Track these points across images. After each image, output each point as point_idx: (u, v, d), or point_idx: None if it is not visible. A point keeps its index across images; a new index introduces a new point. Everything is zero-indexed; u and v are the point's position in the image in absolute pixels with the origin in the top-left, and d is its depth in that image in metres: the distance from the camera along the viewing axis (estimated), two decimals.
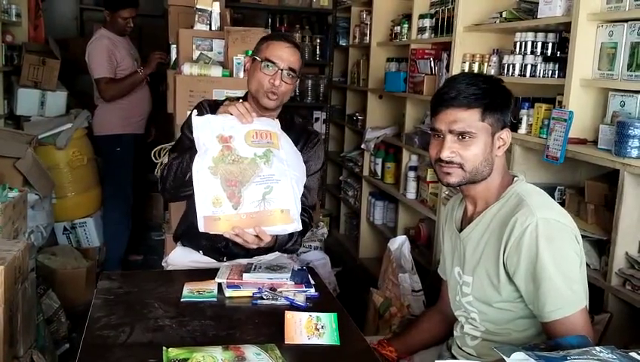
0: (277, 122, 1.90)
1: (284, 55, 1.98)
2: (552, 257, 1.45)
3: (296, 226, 1.76)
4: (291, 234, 1.97)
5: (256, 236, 1.73)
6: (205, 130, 1.78)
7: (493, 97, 1.56)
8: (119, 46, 3.95)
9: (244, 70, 2.09)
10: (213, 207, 1.69)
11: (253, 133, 1.78)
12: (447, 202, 1.91)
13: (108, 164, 4.11)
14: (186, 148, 1.92)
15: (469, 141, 1.55)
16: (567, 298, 1.45)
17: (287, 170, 1.76)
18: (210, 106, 2.08)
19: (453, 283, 1.73)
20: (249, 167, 1.71)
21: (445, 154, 1.56)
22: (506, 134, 1.60)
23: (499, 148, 1.59)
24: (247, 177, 1.70)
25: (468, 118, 1.54)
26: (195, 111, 1.99)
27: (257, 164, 1.72)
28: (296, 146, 1.91)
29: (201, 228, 1.72)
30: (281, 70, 1.97)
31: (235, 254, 2.11)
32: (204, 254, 2.16)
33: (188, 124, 1.99)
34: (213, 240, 2.05)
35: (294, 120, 2.15)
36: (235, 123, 1.79)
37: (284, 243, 2.01)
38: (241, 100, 1.99)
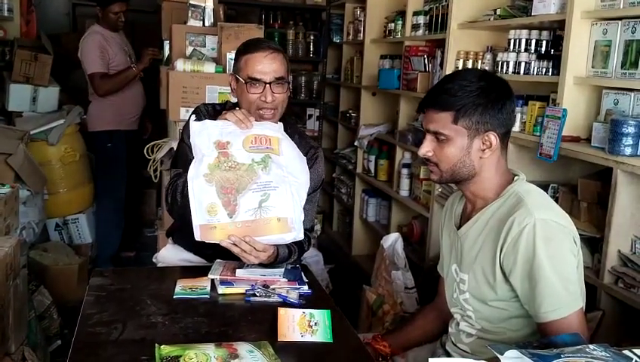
0: (279, 125, 1.86)
1: (266, 67, 1.88)
2: (548, 258, 1.45)
3: (296, 235, 1.73)
4: (290, 252, 1.91)
5: (254, 248, 1.71)
6: (202, 135, 1.75)
7: (471, 101, 1.53)
8: (112, 42, 3.94)
9: (231, 90, 2.01)
10: (209, 215, 1.67)
11: (252, 138, 1.75)
12: (445, 200, 1.92)
13: (100, 160, 4.10)
14: (188, 162, 1.83)
15: (444, 142, 1.57)
16: (563, 299, 1.45)
17: (287, 176, 1.73)
18: (208, 111, 2.02)
19: (450, 280, 1.73)
20: (246, 174, 1.69)
21: (421, 152, 1.62)
22: (492, 136, 1.56)
23: (483, 150, 1.57)
24: (243, 184, 1.68)
25: (441, 120, 1.56)
26: (193, 117, 1.91)
27: (255, 171, 1.69)
28: None
29: (197, 237, 1.70)
30: (269, 83, 1.88)
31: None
32: (194, 254, 2.13)
33: (187, 133, 1.93)
34: (202, 245, 2.02)
35: (293, 132, 2.01)
36: (233, 128, 1.77)
37: (285, 260, 1.91)
38: (237, 108, 1.93)
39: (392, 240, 2.90)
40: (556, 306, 1.45)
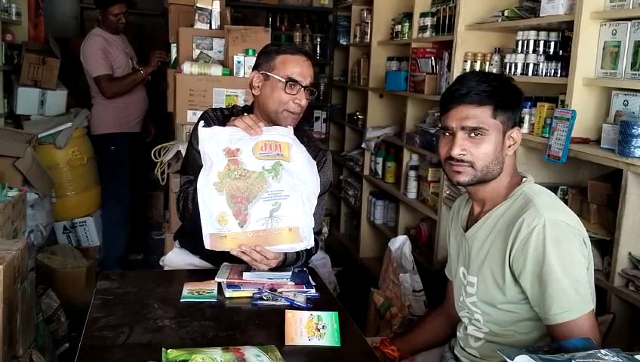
0: (289, 130, 1.85)
1: (305, 71, 1.89)
2: (558, 259, 1.43)
3: (307, 244, 1.72)
4: (298, 256, 1.90)
5: (265, 257, 1.71)
6: (212, 142, 1.74)
7: (505, 95, 1.55)
8: (113, 44, 3.96)
9: (250, 86, 1.98)
10: (219, 224, 1.67)
11: (261, 145, 1.73)
12: (453, 202, 1.90)
13: (103, 163, 4.12)
14: (198, 168, 1.82)
15: (481, 139, 1.53)
16: (573, 301, 1.43)
17: (297, 183, 1.72)
18: (217, 116, 2.01)
19: (458, 283, 1.71)
20: (256, 182, 1.67)
21: (456, 152, 1.54)
22: (516, 133, 1.58)
23: (509, 147, 1.58)
24: (254, 193, 1.67)
25: (480, 115, 1.53)
26: (201, 123, 1.89)
27: (265, 179, 1.68)
28: None
29: (207, 246, 1.69)
30: (304, 88, 1.89)
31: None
32: (201, 258, 2.12)
33: (196, 138, 1.91)
34: (209, 249, 2.01)
35: (302, 135, 2.00)
36: (243, 135, 1.75)
37: (293, 263, 1.91)
38: (246, 113, 1.91)
39: (400, 243, 2.89)
40: (566, 308, 1.43)
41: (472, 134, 1.53)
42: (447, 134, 1.58)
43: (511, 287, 1.53)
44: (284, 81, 1.87)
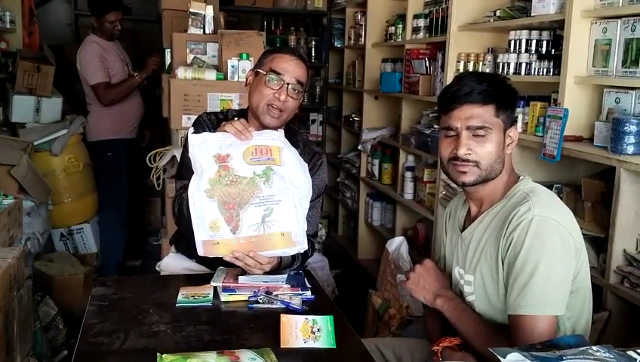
0: (280, 133, 1.84)
1: (291, 68, 1.89)
2: (535, 254, 1.44)
3: (300, 248, 1.72)
4: (294, 259, 1.89)
5: (258, 262, 1.71)
6: (202, 149, 1.73)
7: (504, 94, 1.57)
8: (109, 51, 3.97)
9: (246, 84, 2.01)
10: (211, 231, 1.67)
11: (252, 150, 1.73)
12: (449, 202, 1.89)
13: (101, 169, 4.12)
14: (193, 172, 1.80)
15: (484, 138, 1.54)
16: (537, 297, 1.44)
17: (289, 188, 1.71)
18: (211, 120, 2.01)
19: (454, 282, 1.71)
20: (248, 188, 1.67)
21: (462, 152, 1.54)
22: (514, 131, 1.60)
23: (508, 145, 1.59)
24: (245, 198, 1.66)
25: (484, 114, 1.54)
26: (191, 129, 1.87)
27: (256, 184, 1.67)
28: None
29: (200, 252, 1.70)
30: (287, 84, 1.88)
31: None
32: (197, 262, 2.12)
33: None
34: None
35: (297, 139, 2.01)
36: (233, 140, 1.74)
37: (288, 266, 1.91)
38: (236, 118, 1.89)
39: (397, 244, 2.90)
40: (528, 302, 1.44)
41: (477, 133, 1.54)
42: (451, 135, 1.58)
43: (504, 282, 1.53)
44: (265, 73, 1.90)
